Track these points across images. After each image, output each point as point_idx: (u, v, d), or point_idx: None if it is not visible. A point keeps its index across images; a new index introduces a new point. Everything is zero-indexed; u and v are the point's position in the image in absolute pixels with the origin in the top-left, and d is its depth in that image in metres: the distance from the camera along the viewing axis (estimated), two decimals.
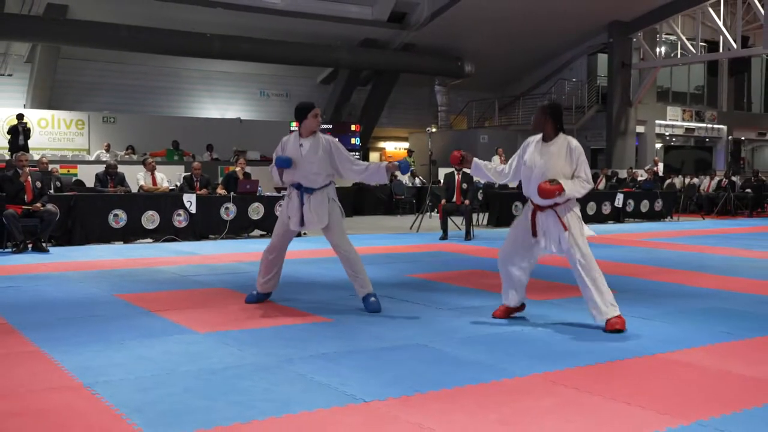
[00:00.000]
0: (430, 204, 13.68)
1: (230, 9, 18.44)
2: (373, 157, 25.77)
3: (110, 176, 10.74)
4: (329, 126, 19.79)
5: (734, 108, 27.37)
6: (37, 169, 10.42)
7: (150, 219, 10.00)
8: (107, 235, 9.74)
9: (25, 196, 8.72)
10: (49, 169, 11.70)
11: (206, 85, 21.99)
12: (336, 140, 5.24)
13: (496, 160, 15.48)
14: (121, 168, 11.30)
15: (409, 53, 21.83)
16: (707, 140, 27.23)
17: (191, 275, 6.86)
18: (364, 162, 5.44)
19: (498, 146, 18.27)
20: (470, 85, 24.24)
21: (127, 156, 16.93)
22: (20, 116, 16.30)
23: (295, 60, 20.18)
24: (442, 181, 12.00)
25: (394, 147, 27.07)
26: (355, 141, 20.10)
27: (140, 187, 10.92)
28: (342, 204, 5.31)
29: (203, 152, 17.96)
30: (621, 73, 22.59)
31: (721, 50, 21.97)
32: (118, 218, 9.78)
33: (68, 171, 14.04)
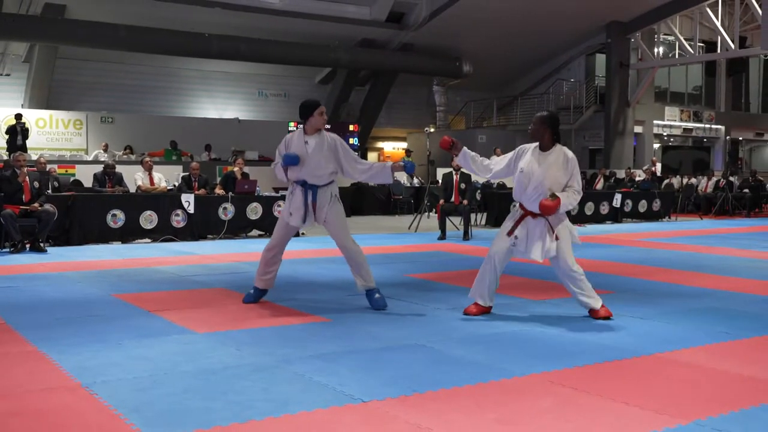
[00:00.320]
0: (429, 204, 13.67)
1: (228, 9, 18.42)
2: (372, 158, 25.75)
3: (108, 176, 10.74)
4: (328, 126, 19.68)
5: (732, 108, 27.40)
6: (35, 169, 10.39)
7: (148, 219, 9.99)
8: (105, 235, 9.73)
9: (23, 196, 8.71)
10: (47, 169, 11.67)
11: (204, 85, 21.98)
12: (340, 138, 5.28)
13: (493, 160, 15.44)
14: (119, 168, 11.30)
15: (408, 53, 21.82)
16: (705, 140, 27.25)
17: (189, 275, 6.85)
18: (369, 161, 5.46)
19: (496, 146, 18.30)
20: (468, 85, 24.24)
21: (125, 156, 16.91)
22: (18, 116, 16.28)
23: (294, 60, 20.17)
24: (441, 182, 12.00)
25: (393, 147, 27.06)
26: (354, 141, 20.07)
27: (138, 187, 10.92)
28: None
29: (201, 152, 17.95)
30: (619, 74, 22.60)
31: (719, 50, 21.98)
32: (116, 218, 9.77)
33: (66, 171, 14.00)
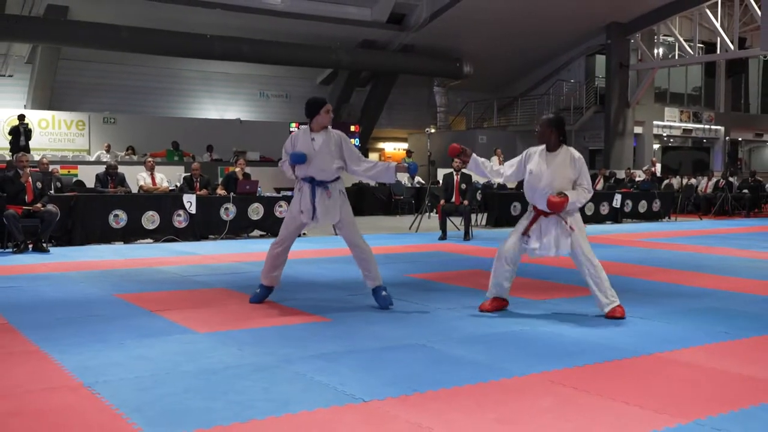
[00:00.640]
0: (429, 204, 13.69)
1: (230, 10, 18.46)
2: (373, 158, 25.70)
3: (110, 177, 10.77)
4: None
5: (731, 109, 27.41)
6: (38, 170, 10.43)
7: (150, 219, 10.01)
8: (107, 236, 9.75)
9: (26, 197, 8.74)
10: (50, 170, 11.71)
11: (206, 86, 22.01)
12: (345, 135, 5.31)
13: (495, 161, 15.48)
14: (122, 168, 11.35)
15: (408, 54, 21.83)
16: (705, 141, 27.26)
17: (191, 275, 6.86)
18: (372, 160, 5.49)
19: (496, 147, 18.33)
20: (469, 86, 24.26)
21: (128, 157, 16.95)
22: (21, 117, 16.32)
23: (295, 61, 20.19)
24: (441, 182, 12.01)
25: (393, 147, 27.07)
26: (355, 142, 20.07)
27: (140, 188, 10.94)
28: None
29: (203, 153, 17.97)
30: (619, 74, 22.62)
31: (719, 51, 22.02)
32: (119, 218, 9.79)
33: (69, 171, 14.06)
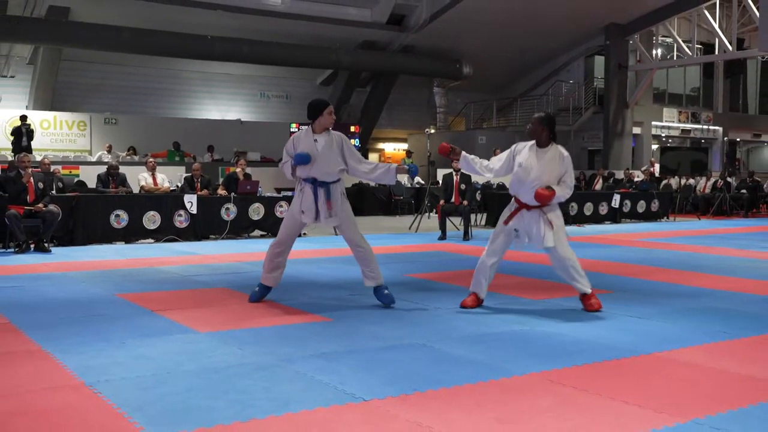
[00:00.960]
0: (429, 204, 13.71)
1: (231, 11, 18.47)
2: (372, 158, 25.79)
3: (112, 177, 10.79)
4: None
5: (730, 109, 27.43)
6: (39, 170, 10.45)
7: (151, 219, 10.03)
8: (109, 236, 9.77)
9: (28, 197, 8.76)
10: (51, 170, 11.74)
11: (207, 87, 22.03)
12: (345, 136, 5.35)
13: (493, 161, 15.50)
14: (123, 169, 11.37)
15: (408, 55, 21.85)
16: (703, 141, 27.29)
17: (192, 275, 6.88)
18: (372, 161, 5.52)
19: (496, 147, 18.32)
20: (468, 87, 24.29)
21: (129, 157, 16.97)
22: (23, 117, 16.35)
23: (295, 62, 20.20)
24: (441, 182, 12.02)
25: (393, 148, 27.09)
26: (355, 142, 20.09)
27: (141, 188, 10.96)
28: None
29: (204, 153, 17.99)
30: (618, 75, 22.66)
31: (717, 52, 22.07)
32: (120, 218, 9.81)
33: (70, 172, 14.09)
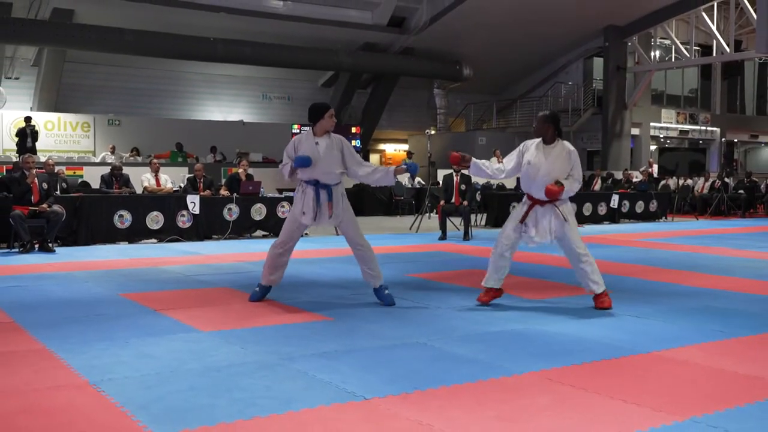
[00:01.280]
0: (429, 205, 13.75)
1: (233, 13, 18.50)
2: (374, 159, 25.85)
3: (115, 178, 10.83)
4: None
5: (727, 111, 27.43)
6: (44, 171, 10.49)
7: (154, 220, 10.07)
8: (112, 236, 9.80)
9: (32, 197, 8.79)
10: (56, 171, 11.76)
11: (209, 89, 22.07)
12: (345, 139, 5.41)
13: (494, 162, 15.56)
14: (126, 170, 11.39)
15: (409, 57, 21.87)
16: (701, 142, 27.31)
17: (195, 275, 6.90)
18: (372, 164, 5.57)
19: (495, 148, 18.37)
20: (468, 88, 24.30)
21: (132, 158, 17.00)
22: (28, 119, 16.40)
23: (297, 63, 20.22)
24: (441, 183, 12.04)
25: (394, 149, 27.12)
26: (356, 143, 20.10)
27: (144, 188, 11.00)
28: None
29: (207, 154, 18.02)
30: (616, 77, 22.68)
31: (715, 54, 22.10)
32: (123, 219, 9.85)
33: (74, 172, 14.12)
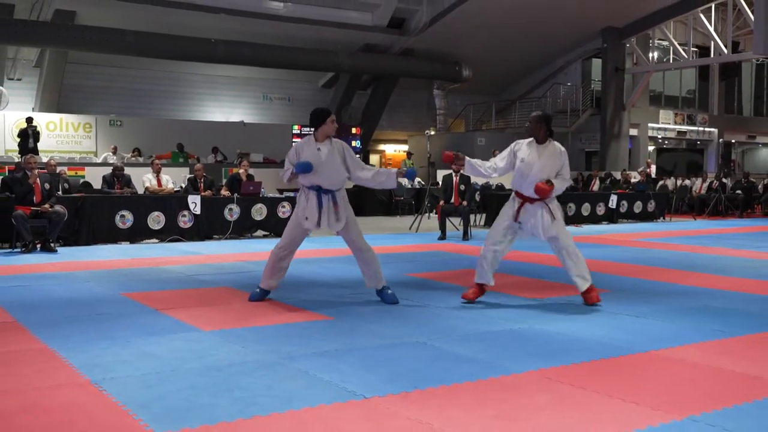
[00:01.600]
0: (429, 205, 13.77)
1: (234, 15, 18.52)
2: (373, 160, 25.90)
3: (117, 178, 10.85)
4: None
5: (725, 111, 27.48)
6: (46, 171, 10.52)
7: (156, 220, 10.09)
8: (114, 236, 9.82)
9: (34, 198, 8.81)
10: (58, 171, 11.80)
11: (210, 89, 22.10)
12: (346, 144, 5.45)
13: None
14: (128, 170, 11.42)
15: (409, 58, 21.90)
16: (699, 143, 27.36)
17: (196, 274, 6.92)
18: (373, 168, 5.61)
19: (495, 148, 18.34)
20: (468, 89, 24.34)
21: (134, 158, 17.02)
22: (30, 119, 16.44)
23: (297, 65, 20.24)
24: (441, 183, 12.05)
25: (394, 149, 27.16)
26: (356, 144, 20.13)
27: (146, 189, 11.02)
28: None
29: (208, 154, 18.04)
30: (615, 78, 22.73)
31: (712, 55, 22.17)
32: (125, 219, 9.87)
33: (76, 173, 14.13)
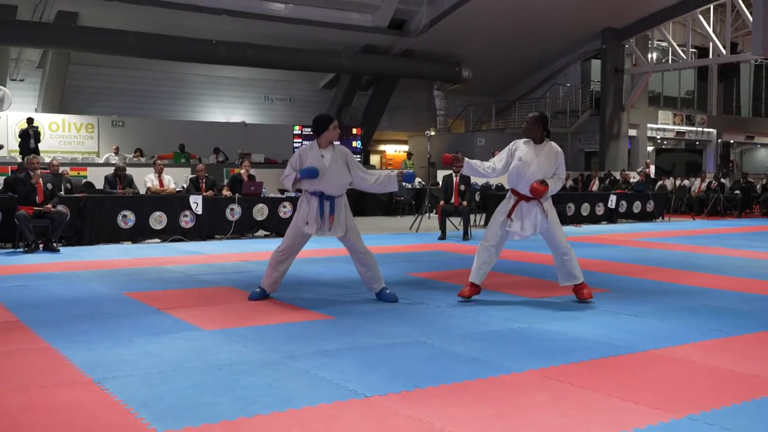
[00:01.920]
0: (429, 205, 13.80)
1: (235, 16, 18.57)
2: (374, 160, 25.95)
3: (119, 178, 10.88)
4: None
5: (723, 112, 27.53)
6: (48, 172, 10.55)
7: (157, 220, 10.12)
8: (116, 236, 9.86)
9: (37, 198, 8.84)
10: (60, 172, 11.82)
11: (212, 90, 22.15)
12: (348, 150, 5.50)
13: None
14: (130, 170, 11.45)
15: (409, 59, 21.94)
16: (697, 143, 27.39)
17: (197, 274, 6.94)
18: (374, 172, 5.65)
19: (495, 149, 18.35)
20: (468, 90, 24.38)
21: (136, 159, 17.06)
22: (30, 120, 16.49)
23: (298, 65, 20.27)
24: (441, 183, 12.08)
25: (394, 150, 27.20)
26: (357, 144, 20.15)
27: (148, 189, 11.05)
28: None
29: (209, 155, 18.08)
30: (614, 79, 22.78)
31: (711, 56, 22.19)
32: (127, 219, 9.90)
33: (78, 173, 14.18)
